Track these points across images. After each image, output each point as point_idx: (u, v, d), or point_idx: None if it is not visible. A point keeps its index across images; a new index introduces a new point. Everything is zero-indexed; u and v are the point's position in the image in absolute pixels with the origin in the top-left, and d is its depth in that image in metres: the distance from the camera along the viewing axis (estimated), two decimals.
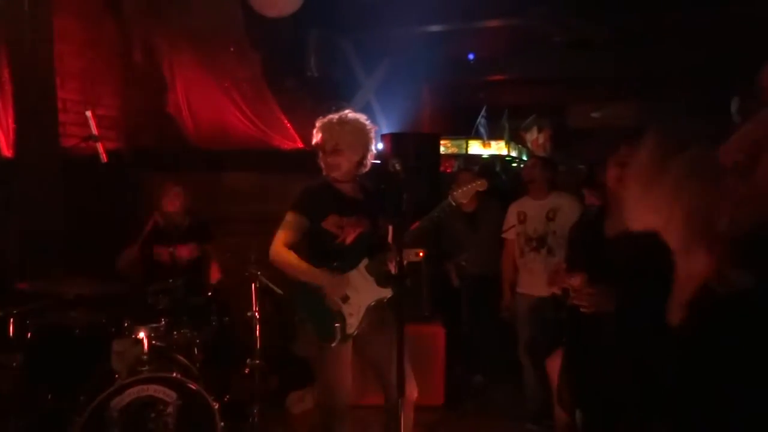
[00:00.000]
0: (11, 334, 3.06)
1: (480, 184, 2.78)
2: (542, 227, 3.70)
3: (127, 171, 4.27)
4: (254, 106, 5.09)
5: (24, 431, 3.04)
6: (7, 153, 4.04)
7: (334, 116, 2.74)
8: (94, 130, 3.27)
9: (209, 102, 5.03)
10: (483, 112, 10.49)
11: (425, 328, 4.02)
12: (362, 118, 2.79)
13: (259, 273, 3.53)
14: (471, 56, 9.05)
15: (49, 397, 3.07)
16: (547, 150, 11.58)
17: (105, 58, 4.80)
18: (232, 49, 5.01)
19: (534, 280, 3.67)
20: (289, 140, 5.15)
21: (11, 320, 3.06)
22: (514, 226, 3.86)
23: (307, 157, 3.86)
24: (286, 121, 5.19)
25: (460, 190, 2.73)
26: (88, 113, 3.26)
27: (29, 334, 3.10)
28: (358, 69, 7.60)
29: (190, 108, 5.00)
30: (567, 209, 3.62)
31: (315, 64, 6.35)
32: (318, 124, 2.75)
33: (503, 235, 3.94)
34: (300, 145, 5.14)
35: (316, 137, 2.73)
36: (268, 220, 2.88)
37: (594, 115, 10.45)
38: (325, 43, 6.63)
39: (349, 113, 2.77)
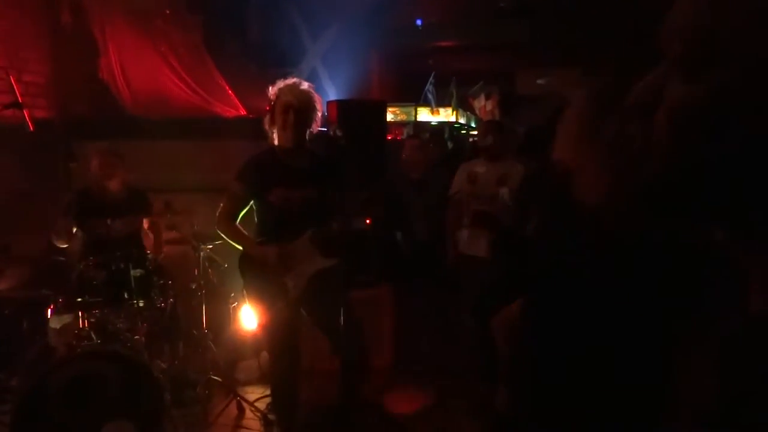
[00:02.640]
0: None
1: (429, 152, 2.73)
2: (491, 190, 3.75)
3: (58, 140, 4.06)
4: (193, 73, 4.91)
5: None
6: None
7: (291, 81, 2.74)
8: (18, 96, 3.08)
9: (145, 68, 4.81)
10: (431, 79, 10.47)
11: (374, 293, 4.07)
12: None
13: (201, 244, 3.47)
14: (419, 22, 8.99)
15: None
16: (495, 116, 11.70)
17: (31, 20, 4.52)
18: (168, 11, 4.79)
19: (481, 242, 3.74)
20: (231, 108, 5.00)
21: None
22: (460, 190, 3.91)
23: (251, 124, 3.78)
24: (227, 88, 5.04)
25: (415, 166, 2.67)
26: (11, 78, 3.07)
27: None
28: (303, 34, 7.43)
29: (125, 74, 4.78)
30: (516, 175, 3.68)
31: (258, 29, 6.16)
32: (280, 85, 2.71)
33: (450, 193, 3.97)
34: (243, 112, 5.01)
35: (282, 98, 2.68)
36: (210, 189, 2.84)
37: (539, 81, 10.60)
38: (269, 7, 6.43)
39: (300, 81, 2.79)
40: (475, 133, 10.45)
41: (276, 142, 2.72)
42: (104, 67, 4.77)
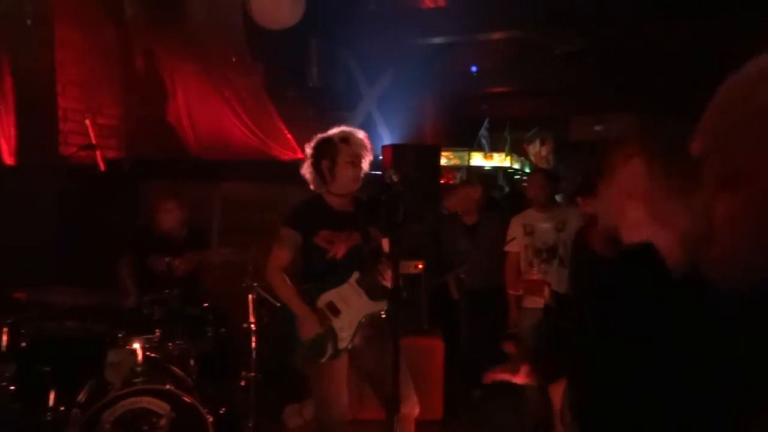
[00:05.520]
0: (5, 343, 3.02)
1: (473, 191, 2.76)
2: (552, 238, 3.68)
3: (126, 180, 4.25)
4: (255, 116, 5.08)
5: None
6: (9, 160, 4.04)
7: (354, 131, 2.77)
8: (92, 139, 3.26)
9: (210, 111, 5.01)
10: (485, 124, 10.49)
11: (424, 341, 3.98)
12: None
13: (255, 284, 3.50)
14: (474, 68, 9.07)
15: (43, 408, 3.03)
16: (549, 162, 11.56)
17: (106, 67, 4.80)
18: (233, 59, 5.01)
19: (537, 298, 3.63)
20: (289, 150, 5.13)
21: (5, 330, 3.03)
22: (515, 238, 3.82)
23: None
24: (286, 132, 5.18)
25: (452, 198, 2.71)
26: (87, 121, 3.25)
27: (23, 344, 3.07)
28: (360, 79, 7.60)
29: (191, 117, 4.99)
30: (574, 221, 3.60)
31: (317, 75, 6.35)
32: (345, 135, 2.72)
33: (506, 248, 3.88)
34: (300, 155, 5.11)
35: (354, 150, 2.70)
36: (267, 230, 2.87)
37: (597, 128, 10.43)
38: (327, 53, 6.63)
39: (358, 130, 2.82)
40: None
41: (327, 188, 2.73)
42: (172, 110, 5.00)
